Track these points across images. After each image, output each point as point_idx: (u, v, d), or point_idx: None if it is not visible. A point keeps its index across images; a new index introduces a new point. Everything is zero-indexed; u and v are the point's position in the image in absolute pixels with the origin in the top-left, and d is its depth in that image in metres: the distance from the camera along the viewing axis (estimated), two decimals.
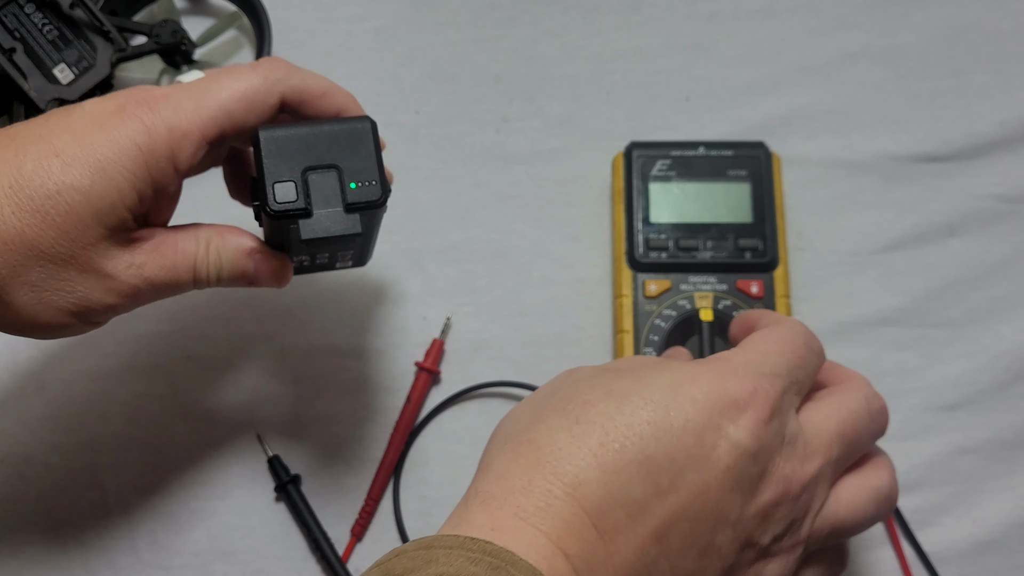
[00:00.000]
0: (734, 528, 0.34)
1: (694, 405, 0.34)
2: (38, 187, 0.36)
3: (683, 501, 0.33)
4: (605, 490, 0.33)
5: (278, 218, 0.39)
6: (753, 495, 0.35)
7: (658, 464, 0.33)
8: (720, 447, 0.34)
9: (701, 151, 0.53)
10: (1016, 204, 0.56)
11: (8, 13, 0.56)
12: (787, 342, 0.38)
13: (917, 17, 0.60)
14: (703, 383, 0.35)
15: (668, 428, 0.34)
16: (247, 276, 0.41)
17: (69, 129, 0.37)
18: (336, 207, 0.39)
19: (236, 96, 0.39)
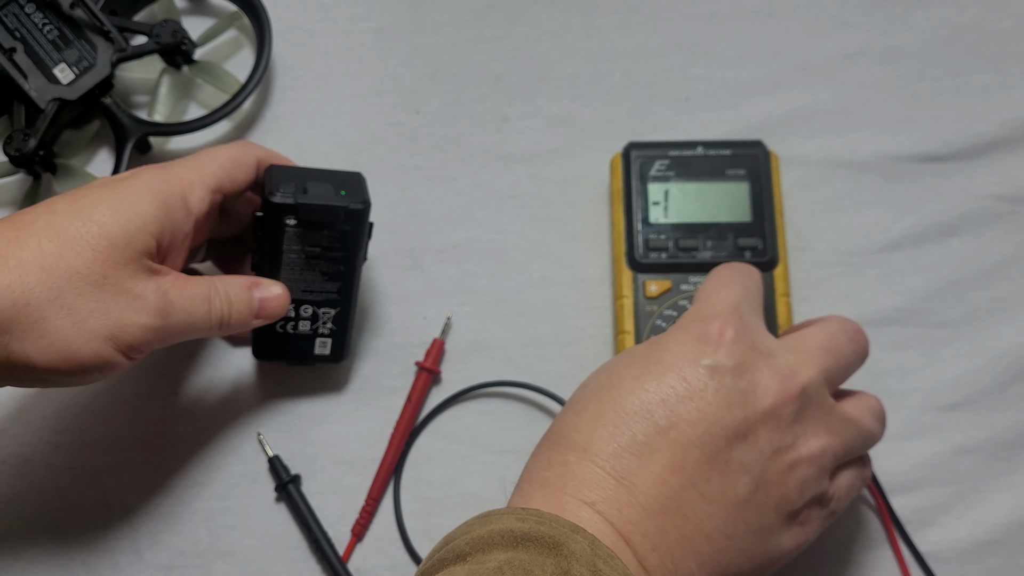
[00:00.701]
0: (746, 439, 0.38)
1: (669, 353, 0.39)
2: (71, 218, 0.41)
3: (684, 432, 0.37)
4: (612, 443, 0.37)
5: (278, 209, 0.46)
6: (752, 405, 0.38)
7: (652, 408, 0.38)
8: (702, 376, 0.38)
9: (699, 151, 0.53)
10: (1016, 204, 0.56)
11: (8, 13, 0.56)
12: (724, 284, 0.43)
13: (917, 17, 0.60)
14: (673, 335, 0.40)
15: (650, 377, 0.38)
16: (252, 307, 0.46)
17: (92, 184, 0.43)
18: (329, 193, 0.47)
19: (226, 156, 0.47)
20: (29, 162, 0.55)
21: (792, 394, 0.39)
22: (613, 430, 0.37)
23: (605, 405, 0.38)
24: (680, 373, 0.38)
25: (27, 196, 0.57)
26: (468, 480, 0.51)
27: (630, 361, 0.40)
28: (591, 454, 0.37)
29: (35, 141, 0.54)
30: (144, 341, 0.41)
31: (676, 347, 0.39)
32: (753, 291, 0.44)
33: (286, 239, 0.47)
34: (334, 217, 0.47)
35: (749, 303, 0.42)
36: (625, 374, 0.39)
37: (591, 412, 0.38)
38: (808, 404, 0.40)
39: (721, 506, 0.37)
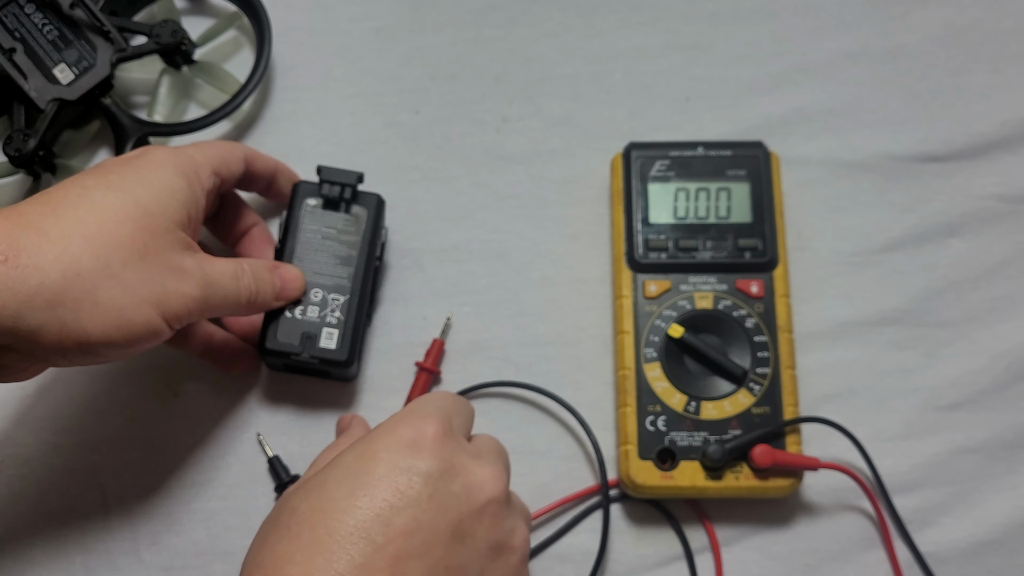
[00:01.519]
0: (466, 540, 0.37)
1: (378, 461, 0.37)
2: (105, 191, 0.41)
3: (402, 544, 0.36)
4: (330, 570, 0.35)
5: (299, 190, 0.52)
6: (468, 504, 0.38)
7: (367, 526, 0.36)
8: (415, 484, 0.37)
9: (700, 151, 0.53)
10: (1016, 204, 0.56)
11: (8, 13, 0.56)
12: (433, 394, 0.43)
13: (917, 17, 0.60)
14: (380, 439, 0.38)
15: (364, 492, 0.36)
16: (275, 287, 0.48)
17: (111, 162, 0.44)
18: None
19: (220, 145, 0.49)
20: (29, 162, 0.55)
21: (499, 490, 0.39)
22: (330, 556, 0.35)
23: (319, 530, 0.35)
24: (393, 483, 0.37)
25: (27, 196, 0.56)
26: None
27: (340, 477, 0.37)
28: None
29: (35, 141, 0.54)
30: (187, 311, 0.42)
31: (386, 455, 0.37)
32: (460, 410, 0.42)
33: (304, 217, 0.51)
34: (350, 179, 0.51)
35: (459, 414, 0.42)
36: (337, 493, 0.37)
37: (305, 539, 0.35)
38: (510, 496, 0.41)
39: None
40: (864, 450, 0.50)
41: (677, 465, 0.48)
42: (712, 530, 0.50)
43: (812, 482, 0.51)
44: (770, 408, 0.49)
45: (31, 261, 0.38)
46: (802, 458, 0.48)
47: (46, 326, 0.38)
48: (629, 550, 0.50)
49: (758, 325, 0.50)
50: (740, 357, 0.50)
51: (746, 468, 0.48)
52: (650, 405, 0.49)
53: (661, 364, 0.50)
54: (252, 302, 0.46)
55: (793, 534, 0.50)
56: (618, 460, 0.50)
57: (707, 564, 0.50)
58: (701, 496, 0.49)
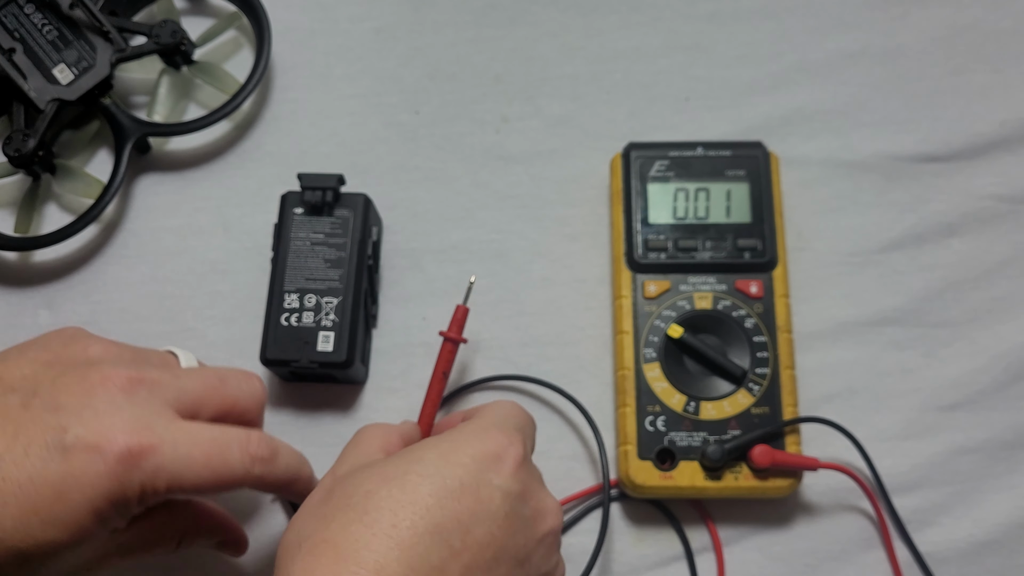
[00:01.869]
0: (524, 565, 0.38)
1: (464, 468, 0.37)
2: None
3: (476, 555, 0.36)
4: (407, 566, 0.34)
5: (286, 200, 0.52)
6: (533, 530, 0.39)
7: (447, 528, 0.36)
8: (495, 498, 0.37)
9: (699, 151, 0.53)
10: (1016, 204, 0.56)
11: (8, 13, 0.56)
12: (512, 407, 0.43)
13: (917, 17, 0.60)
14: (467, 446, 0.38)
15: (448, 494, 0.36)
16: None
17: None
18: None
19: (213, 465, 0.39)
20: (28, 162, 0.55)
21: (559, 522, 0.40)
22: (409, 551, 0.35)
23: (401, 522, 0.35)
24: (476, 493, 0.37)
25: (26, 196, 0.57)
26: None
27: (424, 472, 0.37)
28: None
29: (34, 141, 0.54)
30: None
31: (473, 464, 0.38)
32: (532, 432, 0.43)
33: (292, 226, 0.51)
34: (331, 182, 0.51)
35: (531, 437, 0.42)
36: (421, 489, 0.36)
37: (384, 527, 0.35)
38: (559, 530, 0.41)
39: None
40: (864, 450, 0.50)
41: (676, 465, 0.48)
42: (715, 530, 0.50)
43: (812, 482, 0.51)
44: (769, 408, 0.49)
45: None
46: (801, 458, 0.48)
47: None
48: (629, 550, 0.50)
49: (757, 325, 0.50)
50: (739, 357, 0.50)
51: (745, 468, 0.48)
52: (649, 405, 0.49)
53: (660, 364, 0.50)
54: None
55: (793, 534, 0.50)
56: (617, 460, 0.50)
57: (707, 564, 0.50)
58: (700, 496, 0.49)
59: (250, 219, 0.56)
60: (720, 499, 0.49)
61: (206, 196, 0.58)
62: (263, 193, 0.56)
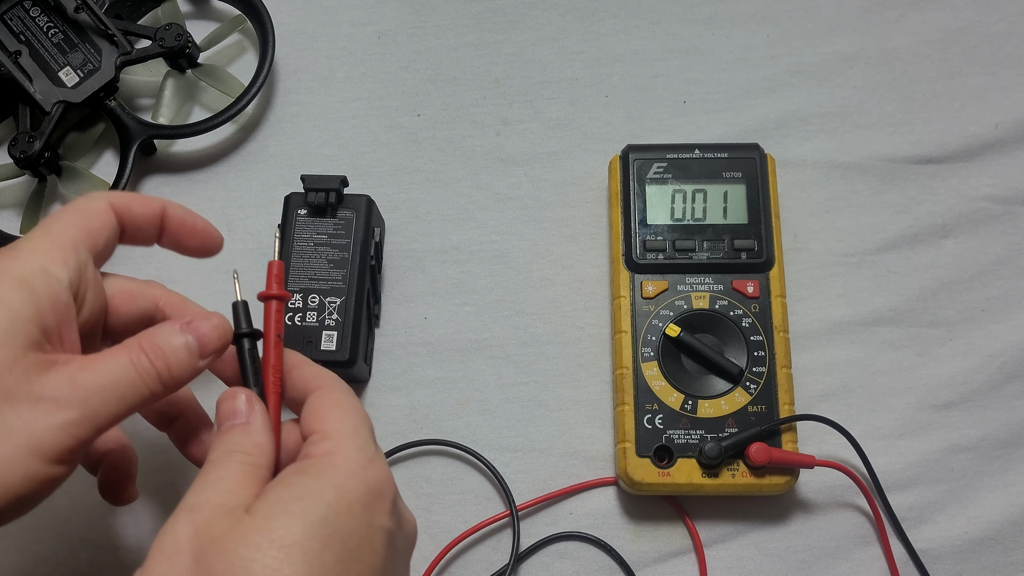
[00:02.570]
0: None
1: (357, 520, 0.34)
2: None
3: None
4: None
5: (289, 202, 0.53)
6: (403, 555, 0.37)
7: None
8: (384, 541, 0.35)
9: (696, 153, 0.54)
10: (1010, 205, 0.56)
11: (13, 16, 0.56)
12: (357, 409, 0.38)
13: (912, 20, 0.60)
14: (350, 492, 0.34)
15: (349, 555, 0.33)
16: (191, 348, 0.38)
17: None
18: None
19: (70, 211, 0.38)
20: (34, 164, 0.55)
21: (416, 536, 0.39)
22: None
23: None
24: (370, 545, 0.34)
25: (32, 198, 0.57)
26: (467, 478, 0.52)
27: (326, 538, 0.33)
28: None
29: (40, 143, 0.55)
30: (73, 440, 0.34)
31: (361, 512, 0.34)
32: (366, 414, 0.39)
33: (296, 227, 0.52)
34: (334, 184, 0.52)
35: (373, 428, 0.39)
36: (327, 558, 0.32)
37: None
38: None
39: None
40: (860, 448, 0.50)
41: (674, 463, 0.49)
42: (693, 527, 0.50)
43: (808, 480, 0.51)
44: (766, 406, 0.49)
45: None
46: (798, 456, 0.48)
47: None
48: (628, 546, 0.50)
49: (754, 325, 0.51)
50: (736, 356, 0.50)
51: (742, 466, 0.49)
52: (647, 403, 0.50)
53: (658, 363, 0.51)
54: (167, 381, 0.37)
55: (789, 531, 0.51)
56: (616, 458, 0.51)
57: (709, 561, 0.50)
58: (698, 493, 0.49)
59: (254, 220, 0.57)
60: (717, 496, 0.50)
61: (210, 198, 0.58)
62: (267, 195, 0.57)
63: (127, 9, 0.60)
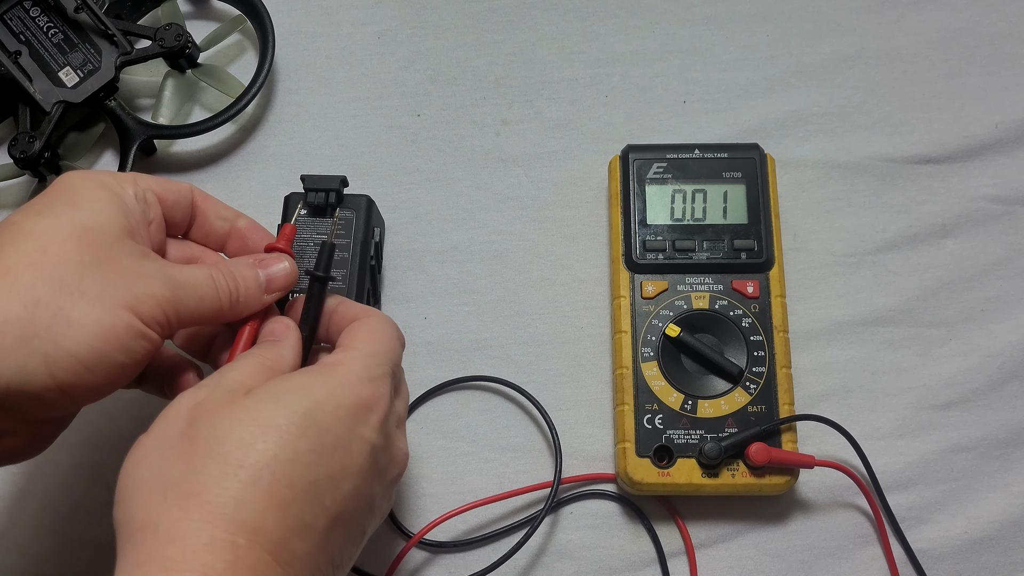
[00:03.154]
0: (372, 507, 0.39)
1: (339, 421, 0.37)
2: (35, 221, 0.38)
3: (341, 508, 0.36)
4: (283, 526, 0.34)
5: (290, 201, 0.53)
6: (386, 477, 0.40)
7: (321, 486, 0.35)
8: (364, 453, 0.37)
9: (696, 153, 0.54)
10: (1010, 205, 0.56)
11: (13, 16, 0.56)
12: (388, 340, 0.41)
13: (912, 20, 0.61)
14: (342, 397, 0.37)
15: (324, 451, 0.36)
16: (259, 282, 0.42)
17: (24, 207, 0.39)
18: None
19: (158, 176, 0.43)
20: (34, 164, 0.55)
21: (406, 465, 0.42)
22: (285, 512, 0.34)
23: (279, 481, 0.34)
24: (347, 448, 0.36)
25: (31, 198, 0.57)
26: (469, 477, 0.52)
27: (302, 426, 0.35)
28: (262, 538, 0.33)
29: (40, 143, 0.55)
30: (161, 313, 0.38)
31: (347, 416, 0.37)
32: (400, 360, 0.42)
33: (297, 226, 0.51)
34: (333, 183, 0.51)
35: (397, 376, 0.42)
36: (299, 444, 0.35)
37: (264, 487, 0.34)
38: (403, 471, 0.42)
39: (340, 568, 0.38)
40: (859, 448, 0.50)
41: (674, 463, 0.49)
42: (685, 528, 0.50)
43: (808, 480, 0.51)
44: (766, 406, 0.50)
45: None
46: (798, 455, 0.48)
47: (29, 364, 0.35)
48: (627, 546, 0.50)
49: (754, 325, 0.51)
50: (736, 356, 0.51)
51: (742, 466, 0.49)
52: (647, 403, 0.50)
53: (658, 363, 0.51)
54: (236, 302, 0.41)
55: (789, 531, 0.51)
56: (616, 458, 0.51)
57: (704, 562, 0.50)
58: (697, 493, 0.49)
59: None
60: (717, 496, 0.50)
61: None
62: (267, 195, 0.57)
63: (127, 9, 0.60)
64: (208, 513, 0.33)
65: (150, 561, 0.32)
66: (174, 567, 0.32)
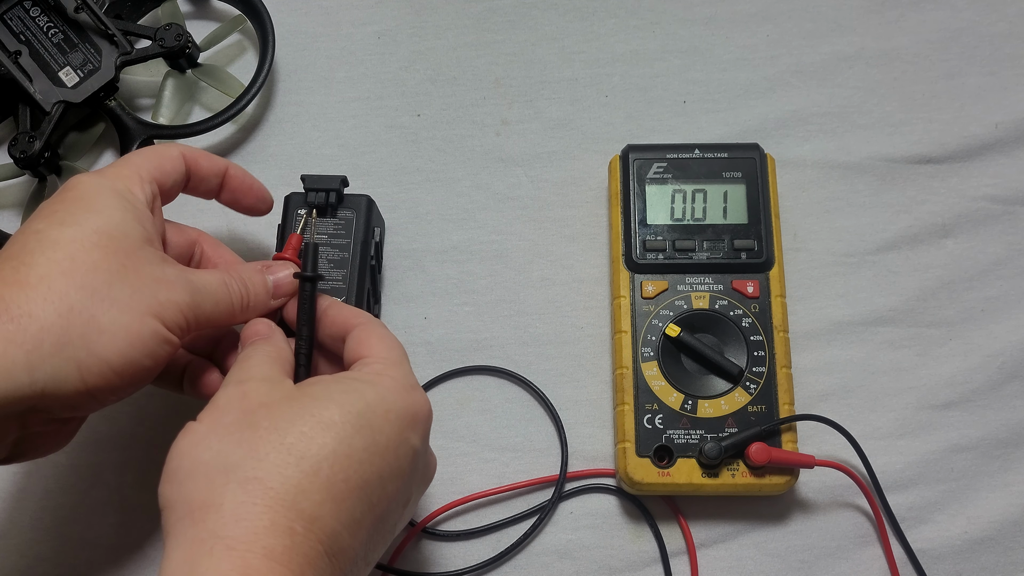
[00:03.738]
0: (407, 507, 0.41)
1: (391, 426, 0.38)
2: (60, 229, 0.39)
3: (386, 508, 0.38)
4: (336, 519, 0.36)
5: (289, 201, 0.52)
6: (424, 481, 0.42)
7: (371, 484, 0.37)
8: (408, 455, 0.39)
9: (696, 153, 0.54)
10: (1009, 205, 0.56)
11: (13, 16, 0.57)
12: (401, 348, 0.43)
13: (912, 20, 0.61)
14: (392, 404, 0.39)
15: (376, 451, 0.37)
16: (267, 288, 0.45)
17: (45, 208, 0.41)
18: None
19: (149, 150, 0.45)
20: (34, 164, 0.55)
21: (435, 469, 0.44)
22: (340, 505, 0.36)
23: (337, 475, 0.36)
24: (396, 451, 0.38)
25: (32, 198, 0.57)
26: (469, 477, 0.52)
27: (357, 425, 0.37)
28: (317, 528, 0.35)
29: (40, 143, 0.55)
30: (182, 318, 0.40)
31: (397, 421, 0.39)
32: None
33: (296, 226, 0.51)
34: (334, 183, 0.51)
35: None
36: (355, 442, 0.37)
37: (323, 479, 0.35)
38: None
39: (371, 563, 0.39)
40: (859, 448, 0.50)
41: (674, 463, 0.49)
42: (687, 527, 0.50)
43: (808, 479, 0.51)
44: (766, 406, 0.50)
45: (22, 310, 0.37)
46: (798, 455, 0.48)
47: (62, 370, 0.37)
48: (627, 546, 0.50)
49: (754, 325, 0.51)
50: (736, 356, 0.51)
51: (742, 465, 0.49)
52: (647, 403, 0.50)
53: (658, 363, 0.51)
54: (246, 306, 0.44)
55: (789, 531, 0.51)
56: (616, 457, 0.51)
57: (704, 562, 0.50)
58: (698, 493, 0.49)
59: (254, 221, 0.57)
60: (717, 496, 0.50)
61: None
62: None
63: (127, 9, 0.60)
64: (270, 498, 0.34)
65: (214, 538, 0.33)
66: (238, 546, 0.33)
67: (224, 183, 0.47)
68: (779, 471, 0.49)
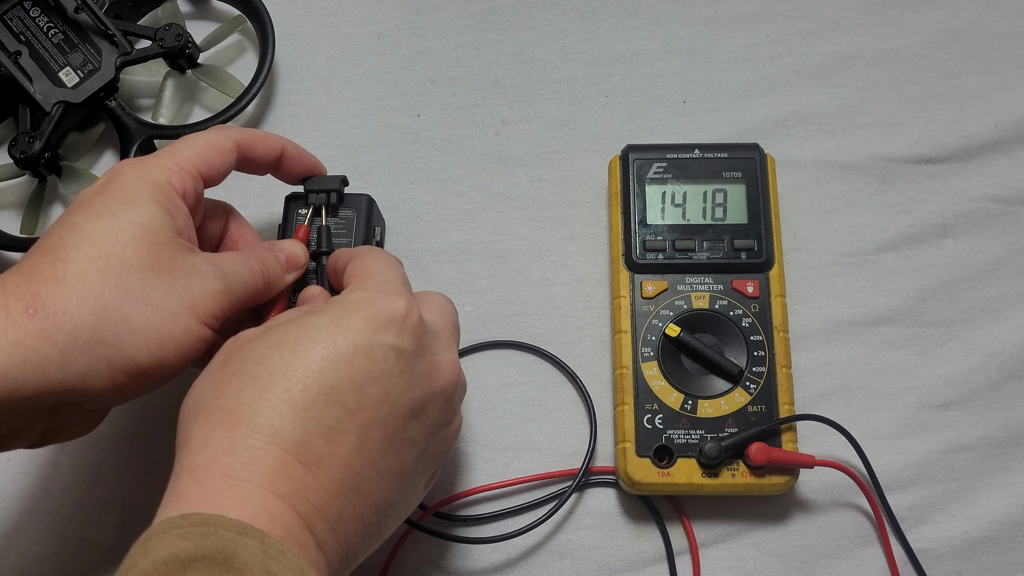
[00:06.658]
0: (420, 416, 0.39)
1: (357, 331, 0.38)
2: (97, 223, 0.40)
3: (370, 413, 0.37)
4: (301, 427, 0.36)
5: (290, 201, 0.52)
6: (429, 384, 0.40)
7: (341, 390, 0.37)
8: (389, 357, 0.38)
9: (696, 153, 0.54)
10: (1009, 205, 0.56)
11: (13, 16, 0.57)
12: (389, 263, 0.44)
13: (912, 20, 0.61)
14: (359, 310, 0.39)
15: (341, 357, 0.37)
16: (280, 262, 0.46)
17: (85, 197, 0.42)
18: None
19: (200, 142, 0.45)
20: (34, 164, 0.55)
21: (456, 376, 0.41)
22: (303, 414, 0.36)
23: (293, 385, 0.36)
24: (369, 354, 0.38)
25: (32, 198, 0.57)
26: (469, 477, 0.52)
27: (316, 337, 0.37)
28: (279, 439, 0.35)
29: (40, 143, 0.55)
30: (219, 307, 0.41)
31: (365, 325, 0.38)
32: (401, 266, 0.45)
33: (296, 228, 0.50)
34: (334, 184, 0.51)
35: (405, 279, 0.44)
36: (313, 352, 0.37)
37: (277, 391, 0.36)
38: (460, 377, 0.42)
39: (391, 479, 0.38)
40: (859, 448, 0.50)
41: (674, 463, 0.49)
42: (690, 526, 0.50)
43: (808, 480, 0.51)
44: (766, 406, 0.50)
45: (58, 307, 0.38)
46: (798, 455, 0.48)
47: (93, 368, 0.38)
48: (627, 546, 0.50)
49: (754, 324, 0.51)
50: (736, 356, 0.51)
51: (742, 465, 0.49)
52: (647, 403, 0.50)
53: (658, 363, 0.51)
54: (268, 282, 0.45)
55: (789, 531, 0.51)
56: (616, 457, 0.51)
57: (704, 562, 0.50)
58: (698, 493, 0.49)
59: (254, 221, 0.57)
60: (717, 496, 0.50)
61: (210, 198, 0.58)
62: (267, 195, 0.57)
63: (127, 9, 0.60)
64: (229, 422, 0.35)
65: (182, 471, 0.35)
66: (198, 471, 0.35)
67: (279, 164, 0.49)
68: (779, 471, 0.49)
